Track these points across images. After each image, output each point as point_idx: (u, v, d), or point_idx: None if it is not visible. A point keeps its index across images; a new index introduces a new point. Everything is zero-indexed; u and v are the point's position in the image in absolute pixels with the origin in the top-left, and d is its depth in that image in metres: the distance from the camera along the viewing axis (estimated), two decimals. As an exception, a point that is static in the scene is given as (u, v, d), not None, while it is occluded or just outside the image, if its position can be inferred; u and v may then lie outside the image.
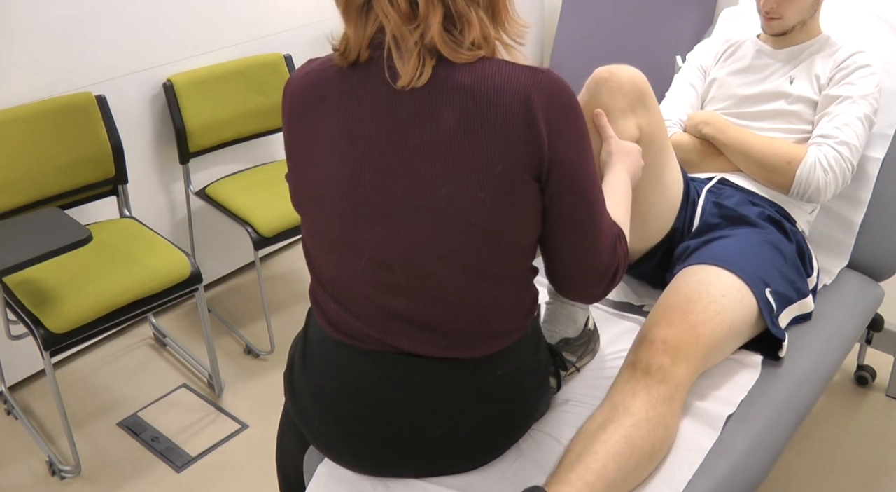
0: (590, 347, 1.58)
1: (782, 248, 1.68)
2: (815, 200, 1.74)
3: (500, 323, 1.20)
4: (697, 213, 1.74)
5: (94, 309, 2.04)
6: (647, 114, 1.55)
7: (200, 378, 2.50)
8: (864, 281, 1.90)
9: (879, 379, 2.38)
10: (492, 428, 1.28)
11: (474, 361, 1.21)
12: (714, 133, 1.83)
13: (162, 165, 2.66)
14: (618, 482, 1.28)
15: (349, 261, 1.16)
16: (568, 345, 1.52)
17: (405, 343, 1.18)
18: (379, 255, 1.13)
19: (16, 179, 2.22)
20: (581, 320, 1.53)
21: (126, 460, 2.19)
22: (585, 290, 1.24)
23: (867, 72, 1.77)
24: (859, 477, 2.07)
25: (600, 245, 1.18)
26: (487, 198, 1.07)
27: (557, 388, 1.49)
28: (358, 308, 1.19)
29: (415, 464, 1.29)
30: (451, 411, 1.23)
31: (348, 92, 1.11)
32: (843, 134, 1.72)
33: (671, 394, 1.39)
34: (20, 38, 2.23)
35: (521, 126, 1.05)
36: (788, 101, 1.83)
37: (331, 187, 1.14)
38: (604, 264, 1.20)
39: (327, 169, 1.13)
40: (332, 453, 1.33)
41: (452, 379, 1.21)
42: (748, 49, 1.95)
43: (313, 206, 1.18)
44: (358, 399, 1.23)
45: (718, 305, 1.49)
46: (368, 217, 1.12)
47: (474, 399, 1.23)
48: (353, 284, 1.17)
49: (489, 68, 1.06)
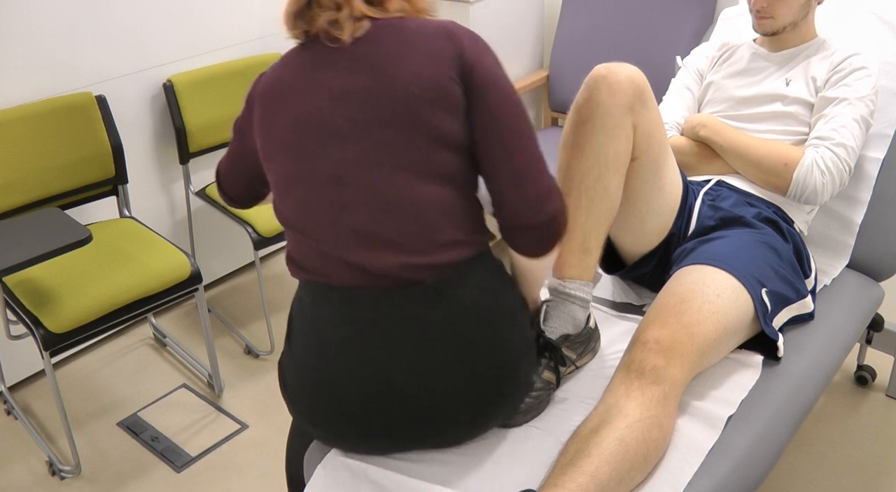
0: (590, 345, 1.59)
1: (778, 248, 1.68)
2: (812, 201, 1.74)
3: (449, 230, 1.26)
4: (694, 216, 1.73)
5: (94, 309, 2.04)
6: (645, 112, 1.55)
7: (200, 378, 2.50)
8: (864, 281, 1.90)
9: (879, 379, 2.38)
10: (474, 384, 1.28)
11: (436, 284, 1.24)
12: (710, 136, 1.83)
13: (162, 165, 2.66)
14: (612, 484, 1.28)
15: (308, 190, 1.27)
16: (568, 341, 1.52)
17: (364, 257, 1.24)
18: (331, 173, 1.25)
19: (16, 179, 2.22)
20: (581, 318, 1.54)
21: (126, 460, 2.19)
22: (519, 219, 1.29)
23: (863, 74, 1.77)
24: (859, 477, 2.07)
25: (530, 165, 1.27)
26: (420, 93, 1.22)
27: (557, 385, 1.49)
28: (320, 231, 1.27)
29: (397, 428, 1.29)
30: (424, 354, 1.25)
31: (305, 66, 1.29)
32: (839, 136, 1.72)
33: (665, 394, 1.39)
34: (20, 38, 2.23)
35: (444, 40, 1.25)
36: (784, 103, 1.83)
37: (292, 128, 1.28)
38: (535, 192, 1.28)
39: (290, 115, 1.28)
40: (314, 426, 1.35)
41: (418, 308, 1.24)
42: (744, 52, 1.95)
43: (280, 155, 1.29)
44: (326, 352, 1.28)
45: (713, 305, 1.49)
46: (319, 141, 1.26)
47: (446, 336, 1.25)
48: (314, 212, 1.27)
49: (414, 20, 1.29)
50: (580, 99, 1.55)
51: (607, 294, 1.84)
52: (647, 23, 2.67)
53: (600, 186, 1.53)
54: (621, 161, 1.54)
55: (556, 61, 2.87)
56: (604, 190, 1.53)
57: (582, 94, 1.55)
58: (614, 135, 1.52)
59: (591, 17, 2.79)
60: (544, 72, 2.95)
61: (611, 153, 1.53)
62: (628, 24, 2.70)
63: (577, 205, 1.53)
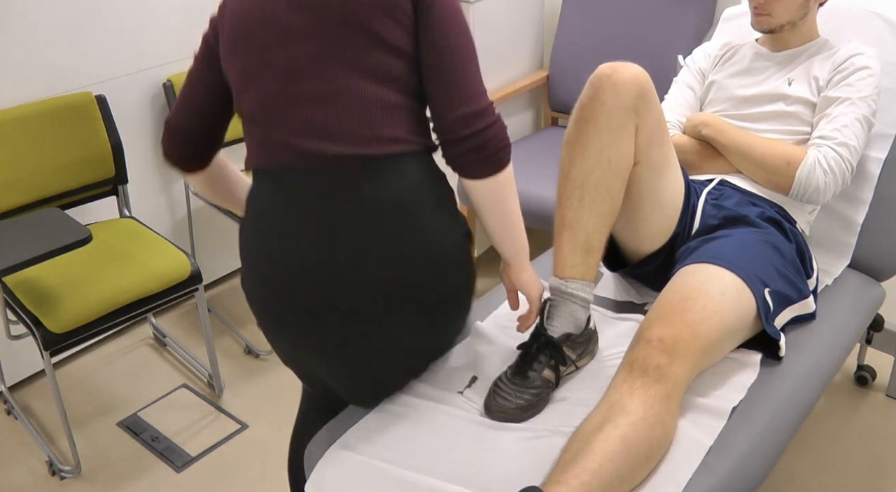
0: (589, 347, 1.59)
1: (781, 248, 1.68)
2: (814, 201, 1.74)
3: (390, 128, 1.32)
4: (697, 215, 1.73)
5: (94, 309, 2.04)
6: (649, 113, 1.55)
7: (200, 378, 2.50)
8: (865, 281, 1.90)
9: (879, 379, 2.38)
10: (394, 273, 1.32)
11: (368, 172, 1.30)
12: (713, 134, 1.83)
13: (162, 165, 2.66)
14: (614, 482, 1.28)
15: (265, 83, 1.34)
16: (569, 341, 1.53)
17: (308, 144, 1.31)
18: (287, 67, 1.31)
19: (16, 179, 2.22)
20: (582, 318, 1.54)
21: (126, 460, 2.19)
22: (454, 134, 1.32)
23: (866, 74, 1.77)
24: (859, 477, 2.07)
25: (467, 82, 1.31)
26: (371, 2, 1.28)
27: (556, 384, 1.50)
28: (273, 120, 1.33)
29: (323, 302, 1.34)
30: (353, 234, 1.31)
31: None
32: (842, 135, 1.72)
33: (668, 392, 1.38)
34: (20, 38, 2.23)
35: None
36: (787, 103, 1.83)
37: (254, 28, 1.34)
38: (472, 109, 1.31)
39: (250, 18, 1.34)
40: (270, 326, 1.42)
41: (349, 191, 1.31)
42: (746, 52, 1.95)
43: (240, 53, 1.36)
44: (269, 236, 1.35)
45: (716, 304, 1.49)
46: (278, 39, 1.32)
47: (372, 222, 1.30)
48: (269, 102, 1.34)
49: None
50: (584, 98, 1.55)
51: (608, 293, 1.84)
52: (647, 23, 2.67)
53: (602, 187, 1.53)
54: (624, 163, 1.54)
55: (556, 61, 2.87)
56: (606, 191, 1.53)
57: (586, 93, 1.55)
58: (618, 136, 1.52)
59: (591, 17, 2.79)
60: (544, 72, 2.95)
61: (613, 154, 1.53)
62: (628, 24, 2.70)
63: (579, 204, 1.53)
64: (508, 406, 1.45)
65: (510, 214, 1.40)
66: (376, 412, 1.49)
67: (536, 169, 2.59)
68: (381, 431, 1.44)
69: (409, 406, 1.49)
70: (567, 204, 1.55)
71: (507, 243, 1.45)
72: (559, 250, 1.56)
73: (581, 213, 1.53)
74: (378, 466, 1.38)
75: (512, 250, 1.47)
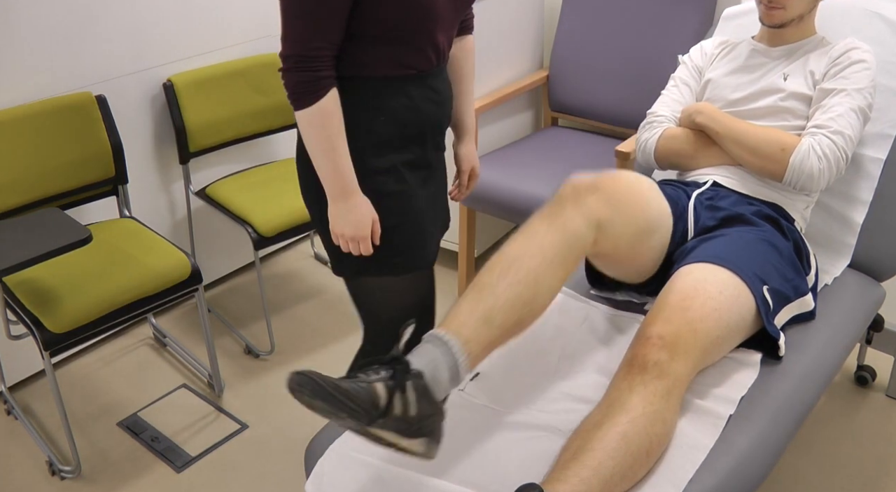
0: (425, 428, 1.26)
1: (779, 245, 1.68)
2: (808, 188, 1.73)
3: None
4: (690, 221, 1.73)
5: (94, 309, 2.04)
6: (619, 219, 1.54)
7: (200, 378, 2.50)
8: (865, 281, 1.90)
9: (879, 379, 2.38)
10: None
11: None
12: (707, 122, 1.83)
13: (162, 165, 2.66)
14: (615, 479, 1.28)
15: None
16: (415, 393, 1.24)
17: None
18: None
19: (16, 179, 2.22)
20: (442, 380, 1.29)
21: (126, 460, 2.19)
22: None
23: (862, 67, 1.77)
24: (859, 477, 2.07)
25: (282, 12, 1.41)
26: None
27: (382, 412, 1.21)
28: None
29: None
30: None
31: None
32: (836, 124, 1.72)
33: (669, 389, 1.38)
34: (20, 38, 2.23)
35: None
36: (782, 98, 1.83)
37: None
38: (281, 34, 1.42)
39: None
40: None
41: None
42: (743, 49, 1.95)
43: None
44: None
45: (716, 302, 1.49)
46: None
47: None
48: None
49: None
50: (555, 197, 1.53)
51: (609, 293, 1.84)
52: (647, 22, 2.67)
53: (533, 275, 1.41)
54: (568, 267, 1.47)
55: (556, 61, 2.87)
56: (534, 280, 1.41)
57: (558, 193, 1.54)
58: (571, 243, 1.47)
59: (591, 17, 2.79)
60: (544, 72, 2.95)
61: (560, 254, 1.45)
62: (628, 24, 2.70)
63: (500, 276, 1.40)
64: (305, 387, 1.18)
65: (311, 150, 1.48)
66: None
67: (536, 169, 2.59)
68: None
69: (409, 406, 1.49)
70: (489, 270, 1.42)
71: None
72: (456, 306, 1.38)
73: (498, 284, 1.39)
74: (378, 465, 1.38)
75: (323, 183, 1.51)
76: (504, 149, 2.78)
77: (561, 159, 2.66)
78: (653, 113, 1.95)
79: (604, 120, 2.81)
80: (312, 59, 1.41)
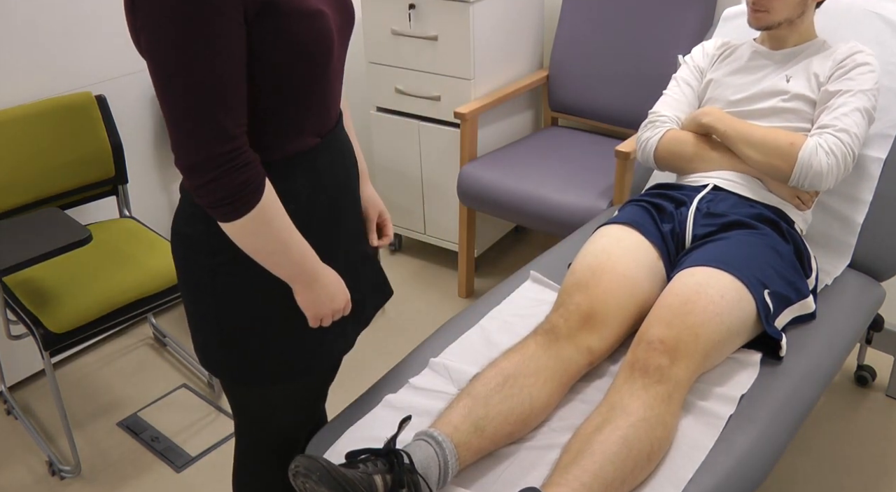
0: None
1: (779, 248, 1.67)
2: (816, 185, 1.72)
3: None
4: (688, 232, 1.73)
5: (94, 309, 2.04)
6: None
7: (200, 378, 2.50)
8: (865, 281, 1.90)
9: (879, 379, 2.38)
10: None
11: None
12: (713, 122, 1.83)
13: (162, 165, 2.66)
14: (615, 483, 1.28)
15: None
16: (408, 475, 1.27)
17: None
18: None
19: (16, 179, 2.22)
20: (432, 481, 1.29)
21: (126, 460, 2.19)
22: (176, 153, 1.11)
23: (867, 69, 1.77)
24: (860, 477, 2.07)
25: (169, 112, 1.07)
26: None
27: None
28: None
29: None
30: None
31: None
32: (842, 122, 1.72)
33: (669, 393, 1.38)
34: (20, 37, 2.23)
35: None
36: (784, 99, 1.83)
37: None
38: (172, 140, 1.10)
39: None
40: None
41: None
42: (745, 51, 1.95)
43: None
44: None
45: (717, 306, 1.49)
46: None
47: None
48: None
49: None
50: (543, 326, 1.56)
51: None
52: (647, 23, 2.67)
53: (526, 392, 1.42)
54: (563, 388, 1.49)
55: (556, 61, 2.87)
56: (529, 398, 1.41)
57: (546, 329, 1.55)
58: (566, 367, 1.50)
59: (591, 17, 2.79)
60: (544, 72, 2.95)
61: (554, 378, 1.47)
62: (628, 24, 2.70)
63: (496, 389, 1.40)
64: (313, 473, 1.20)
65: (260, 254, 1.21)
66: (376, 412, 1.49)
67: (536, 169, 2.59)
68: (380, 430, 1.44)
69: (409, 405, 1.49)
70: (483, 382, 1.42)
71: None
72: (450, 410, 1.38)
73: (492, 395, 1.39)
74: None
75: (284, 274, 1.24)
76: (504, 149, 2.79)
77: (561, 159, 2.66)
78: (655, 112, 1.95)
79: (604, 120, 2.81)
80: (236, 152, 1.09)
